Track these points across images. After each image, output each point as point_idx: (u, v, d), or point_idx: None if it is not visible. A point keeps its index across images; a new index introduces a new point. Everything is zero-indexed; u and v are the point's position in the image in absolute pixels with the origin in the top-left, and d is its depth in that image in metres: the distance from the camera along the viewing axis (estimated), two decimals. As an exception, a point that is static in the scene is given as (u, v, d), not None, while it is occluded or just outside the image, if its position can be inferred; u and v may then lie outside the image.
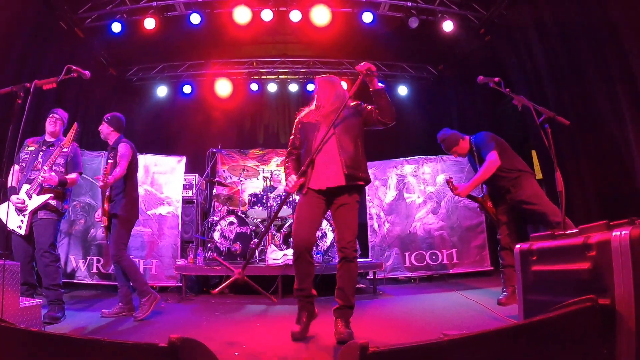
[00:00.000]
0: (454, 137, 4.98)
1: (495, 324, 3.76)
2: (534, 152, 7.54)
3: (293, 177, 3.61)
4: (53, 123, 4.75)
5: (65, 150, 4.49)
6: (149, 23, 7.50)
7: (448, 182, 4.89)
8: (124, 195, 4.59)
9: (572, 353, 1.58)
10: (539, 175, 7.73)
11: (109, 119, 4.82)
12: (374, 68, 3.60)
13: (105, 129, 4.81)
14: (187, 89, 10.09)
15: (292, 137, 4.01)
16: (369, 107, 3.74)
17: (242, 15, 7.46)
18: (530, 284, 2.33)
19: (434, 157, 7.27)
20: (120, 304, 4.61)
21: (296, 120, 4.01)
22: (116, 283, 6.13)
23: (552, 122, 3.65)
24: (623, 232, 1.67)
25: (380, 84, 3.65)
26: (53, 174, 4.41)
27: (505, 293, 4.51)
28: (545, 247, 2.23)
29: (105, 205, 4.55)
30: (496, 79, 4.07)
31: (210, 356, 1.59)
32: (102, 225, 4.74)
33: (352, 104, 3.81)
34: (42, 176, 4.34)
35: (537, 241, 2.36)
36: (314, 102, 3.95)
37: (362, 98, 3.93)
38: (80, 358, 1.46)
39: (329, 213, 3.88)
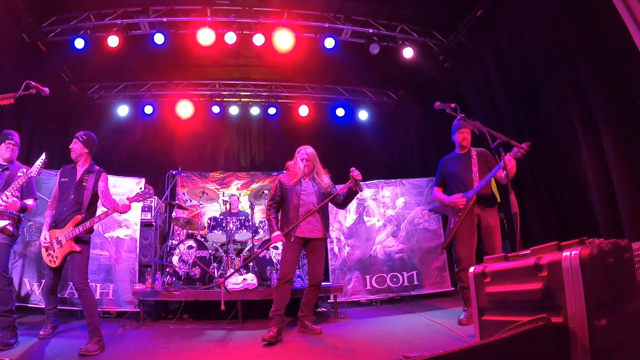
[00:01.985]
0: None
1: (456, 344, 3.79)
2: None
3: (279, 234, 4.75)
4: (11, 150, 4.64)
5: (31, 177, 4.37)
6: (113, 41, 7.40)
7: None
8: (90, 222, 4.39)
9: (526, 371, 1.61)
10: (498, 199, 7.95)
11: (84, 139, 4.59)
12: (361, 179, 4.79)
13: (79, 149, 4.57)
14: (148, 109, 9.96)
15: (272, 192, 4.99)
16: (335, 192, 4.97)
17: (205, 37, 7.47)
18: (485, 305, 2.37)
19: (393, 180, 7.36)
20: (95, 338, 4.18)
21: (278, 181, 5.01)
22: (72, 308, 5.93)
23: (506, 146, 3.81)
24: (573, 252, 1.73)
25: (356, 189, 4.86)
26: (15, 199, 4.30)
27: (465, 313, 4.58)
28: (499, 268, 2.28)
29: (73, 230, 4.29)
30: (452, 105, 4.20)
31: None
32: (58, 249, 4.40)
33: (328, 182, 5.01)
34: (4, 201, 4.21)
35: (490, 263, 2.41)
36: (293, 169, 4.97)
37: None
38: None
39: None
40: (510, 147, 4.11)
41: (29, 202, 4.59)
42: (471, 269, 2.52)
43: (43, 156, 4.34)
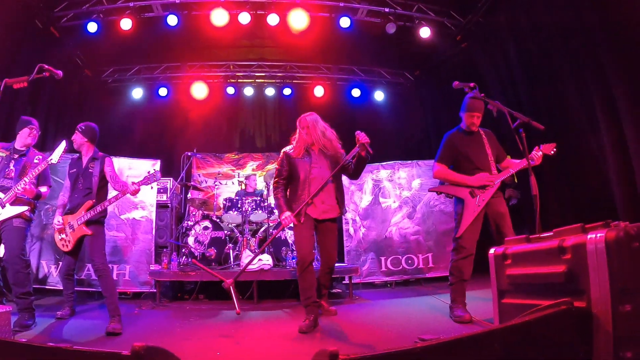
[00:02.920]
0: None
1: (472, 328, 3.77)
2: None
3: (289, 216, 4.23)
4: (33, 136, 4.67)
5: (51, 163, 4.40)
6: (126, 24, 7.38)
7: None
8: (101, 205, 4.44)
9: (549, 356, 1.57)
10: (515, 179, 7.82)
11: (83, 129, 4.65)
12: (368, 141, 4.17)
13: (79, 139, 4.64)
14: (162, 91, 9.96)
15: (278, 167, 4.50)
16: (347, 160, 4.40)
17: (219, 17, 7.40)
18: (505, 287, 2.33)
19: (409, 162, 7.29)
20: (116, 317, 4.25)
21: (283, 153, 4.50)
22: (89, 289, 6.02)
23: (526, 127, 3.69)
24: (598, 235, 1.67)
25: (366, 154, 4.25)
26: (32, 186, 4.38)
27: (457, 308, 4.25)
28: (520, 250, 2.23)
29: (85, 214, 4.37)
30: (471, 84, 4.07)
31: (177, 364, 1.53)
32: (70, 234, 4.51)
33: (338, 152, 4.47)
34: (21, 188, 4.27)
35: (512, 244, 2.36)
36: (298, 139, 4.46)
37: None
38: (40, 366, 1.40)
39: None
40: (530, 128, 3.94)
41: (43, 189, 4.65)
42: (491, 250, 2.47)
43: (64, 143, 4.40)
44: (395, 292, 6.49)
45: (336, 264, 4.78)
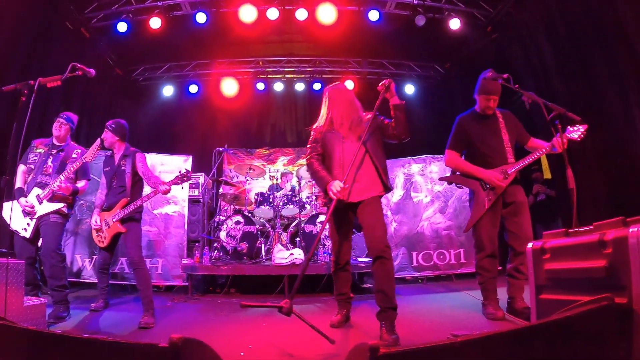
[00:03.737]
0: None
1: (504, 325, 3.70)
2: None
3: (339, 183, 3.60)
4: (58, 127, 4.75)
5: (87, 161, 4.53)
6: (155, 22, 7.53)
7: None
8: (134, 204, 4.54)
9: (588, 354, 1.53)
10: (548, 175, 7.63)
11: (113, 127, 4.75)
12: (394, 85, 3.75)
13: (110, 137, 4.74)
14: (193, 88, 10.12)
15: (311, 145, 4.02)
16: (386, 120, 3.89)
17: (247, 14, 7.45)
18: (543, 282, 2.27)
19: (441, 156, 7.19)
20: (150, 311, 4.32)
21: (314, 129, 4.07)
22: (122, 282, 6.17)
23: (562, 118, 3.58)
24: (640, 229, 1.61)
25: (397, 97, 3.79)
26: (69, 184, 4.49)
27: (487, 305, 4.10)
28: (559, 244, 2.16)
29: (119, 212, 4.49)
30: (505, 76, 3.94)
31: (213, 356, 1.55)
32: (106, 230, 4.64)
33: (370, 116, 3.87)
34: (57, 185, 4.39)
35: (550, 238, 2.29)
36: (326, 113, 4.02)
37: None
38: (79, 357, 1.43)
39: None
40: (566, 120, 3.80)
41: (81, 184, 4.76)
42: (529, 245, 2.41)
43: (97, 142, 4.50)
44: (427, 287, 6.44)
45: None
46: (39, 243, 4.57)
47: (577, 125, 3.95)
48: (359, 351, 1.42)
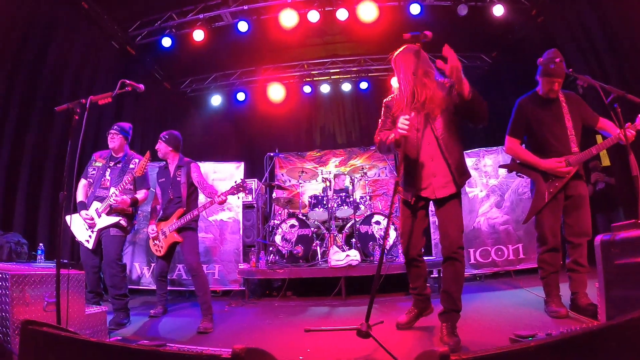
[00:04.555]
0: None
1: (568, 323, 3.55)
2: (598, 137, 7.15)
3: (404, 119, 3.13)
4: (111, 139, 4.89)
5: (136, 175, 4.62)
6: (198, 35, 7.74)
7: None
8: (190, 214, 4.66)
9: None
10: (606, 162, 7.27)
11: (166, 138, 4.87)
12: (449, 51, 3.26)
13: (163, 148, 4.86)
14: (240, 96, 10.31)
15: (382, 119, 3.62)
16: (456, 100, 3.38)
17: (288, 18, 7.52)
18: (614, 278, 2.17)
19: (494, 148, 7.00)
20: (209, 316, 4.41)
21: (384, 104, 3.65)
22: (180, 288, 6.34)
23: (622, 101, 3.38)
24: None
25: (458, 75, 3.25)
26: (125, 197, 4.61)
27: (550, 304, 3.93)
28: (631, 236, 2.06)
29: (176, 222, 4.61)
30: (557, 60, 3.79)
31: (275, 364, 1.56)
32: (163, 240, 4.77)
33: (444, 84, 3.49)
34: (113, 200, 4.53)
35: (620, 231, 2.18)
36: (398, 87, 3.53)
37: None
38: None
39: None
40: (626, 102, 3.56)
41: (141, 194, 4.86)
42: (598, 238, 2.30)
43: (147, 154, 4.61)
44: (485, 285, 6.28)
45: (425, 258, 3.87)
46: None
47: None
48: (429, 357, 1.40)
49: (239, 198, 6.61)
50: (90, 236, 4.62)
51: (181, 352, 1.49)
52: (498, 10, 7.48)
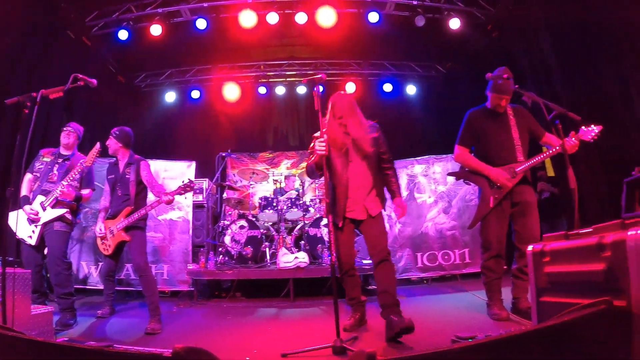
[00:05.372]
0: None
1: (511, 326, 3.69)
2: (544, 149, 7.48)
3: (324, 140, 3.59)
4: (67, 136, 4.81)
5: (86, 166, 4.53)
6: (156, 29, 7.59)
7: None
8: (138, 213, 4.55)
9: (587, 357, 1.54)
10: (551, 173, 7.62)
11: (117, 134, 4.75)
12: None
13: (113, 144, 4.74)
14: (195, 94, 10.19)
15: (311, 149, 4.13)
16: (382, 149, 4.03)
17: (247, 19, 7.48)
18: (544, 285, 2.28)
19: (444, 156, 7.18)
20: (156, 317, 4.33)
21: (313, 137, 4.09)
22: (128, 288, 6.20)
23: (563, 118, 3.57)
24: (639, 231, 1.62)
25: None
26: (71, 189, 4.52)
27: (492, 307, 4.07)
28: (559, 247, 2.17)
29: (124, 221, 4.50)
30: (505, 76, 3.96)
31: (217, 365, 1.56)
32: (110, 239, 4.66)
33: (374, 135, 4.03)
34: (60, 190, 4.42)
35: (550, 242, 2.30)
36: (331, 115, 4.04)
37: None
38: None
39: None
40: (566, 119, 3.76)
41: (85, 192, 4.79)
42: (530, 247, 2.41)
43: (97, 146, 4.49)
44: (432, 288, 6.44)
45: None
46: (45, 251, 4.61)
47: (592, 126, 3.92)
48: (357, 359, 1.43)
49: (186, 198, 6.50)
50: (33, 231, 4.47)
51: (124, 352, 1.47)
52: (454, 23, 7.68)
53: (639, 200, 2.14)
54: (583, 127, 3.92)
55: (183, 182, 4.41)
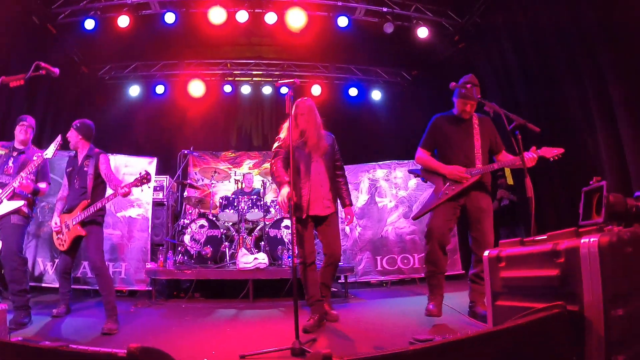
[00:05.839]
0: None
1: (468, 328, 3.77)
2: (503, 151, 7.71)
3: (289, 192, 3.87)
4: (24, 131, 4.67)
5: (46, 159, 4.41)
6: (123, 21, 7.39)
7: None
8: (94, 206, 4.42)
9: (541, 359, 1.59)
10: (510, 181, 7.85)
11: (77, 126, 4.61)
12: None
13: (74, 137, 4.59)
14: (160, 89, 9.98)
15: (275, 150, 4.36)
16: (336, 156, 4.48)
17: (217, 15, 7.39)
18: (499, 289, 2.34)
19: (406, 161, 7.29)
20: (113, 317, 4.22)
21: (281, 140, 4.35)
22: (85, 287, 6.03)
23: (523, 128, 3.67)
24: (592, 239, 1.69)
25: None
26: (29, 181, 4.40)
27: (432, 302, 4.13)
28: (514, 253, 2.24)
29: (80, 214, 4.34)
30: (468, 86, 4.07)
31: (173, 364, 1.54)
32: (66, 233, 4.49)
33: (329, 142, 4.42)
34: (19, 182, 4.29)
35: (506, 247, 2.37)
36: (293, 125, 4.15)
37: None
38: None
39: None
40: (526, 130, 3.86)
41: (42, 185, 4.66)
42: (486, 253, 2.47)
43: (58, 138, 4.39)
44: (391, 291, 6.52)
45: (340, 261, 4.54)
46: (-1, 246, 4.43)
47: (556, 149, 4.00)
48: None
49: (142, 190, 6.31)
50: None
51: (78, 351, 1.43)
52: (422, 32, 7.80)
53: (596, 209, 2.23)
54: (545, 147, 4.02)
55: (140, 173, 4.31)
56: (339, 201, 4.49)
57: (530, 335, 1.63)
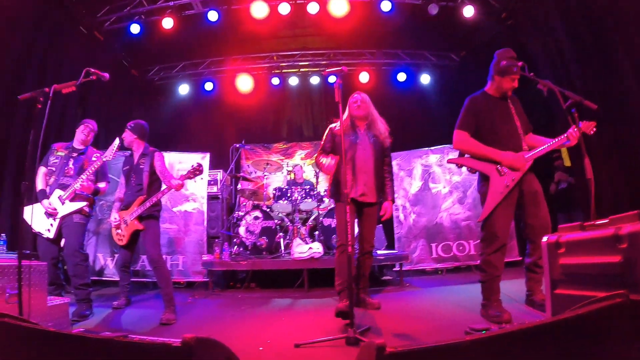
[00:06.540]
0: None
1: (525, 317, 3.63)
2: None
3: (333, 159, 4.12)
4: (87, 132, 4.92)
5: (105, 160, 4.66)
6: (167, 23, 7.60)
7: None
8: (149, 201, 4.59)
9: (602, 351, 1.51)
10: (568, 163, 7.48)
11: (132, 127, 4.83)
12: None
13: (128, 137, 4.81)
14: (208, 86, 10.18)
15: (322, 143, 4.56)
16: (387, 152, 4.56)
17: (259, 10, 7.47)
18: (558, 277, 2.24)
19: (459, 146, 7.11)
20: (171, 307, 4.38)
21: (329, 129, 4.56)
22: (144, 280, 6.27)
23: (579, 106, 3.47)
24: (656, 223, 1.59)
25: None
26: (90, 182, 4.65)
27: (491, 308, 3.74)
28: (574, 239, 2.14)
29: (137, 209, 4.54)
30: (520, 63, 3.85)
31: (228, 355, 1.56)
32: (124, 228, 4.72)
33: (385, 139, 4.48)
34: (80, 184, 4.52)
35: (565, 232, 2.27)
36: (347, 112, 4.46)
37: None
38: (92, 357, 1.46)
39: None
40: (583, 108, 3.62)
41: (102, 185, 4.90)
42: (544, 238, 2.36)
43: (117, 141, 4.59)
44: (446, 279, 6.41)
45: (386, 252, 4.63)
46: (62, 243, 4.68)
47: (591, 122, 3.72)
48: (367, 350, 1.43)
49: (195, 182, 6.43)
50: (51, 225, 4.55)
51: (135, 341, 1.48)
52: (468, 11, 7.57)
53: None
54: (580, 123, 3.64)
55: (192, 166, 4.41)
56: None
57: (592, 325, 1.55)
